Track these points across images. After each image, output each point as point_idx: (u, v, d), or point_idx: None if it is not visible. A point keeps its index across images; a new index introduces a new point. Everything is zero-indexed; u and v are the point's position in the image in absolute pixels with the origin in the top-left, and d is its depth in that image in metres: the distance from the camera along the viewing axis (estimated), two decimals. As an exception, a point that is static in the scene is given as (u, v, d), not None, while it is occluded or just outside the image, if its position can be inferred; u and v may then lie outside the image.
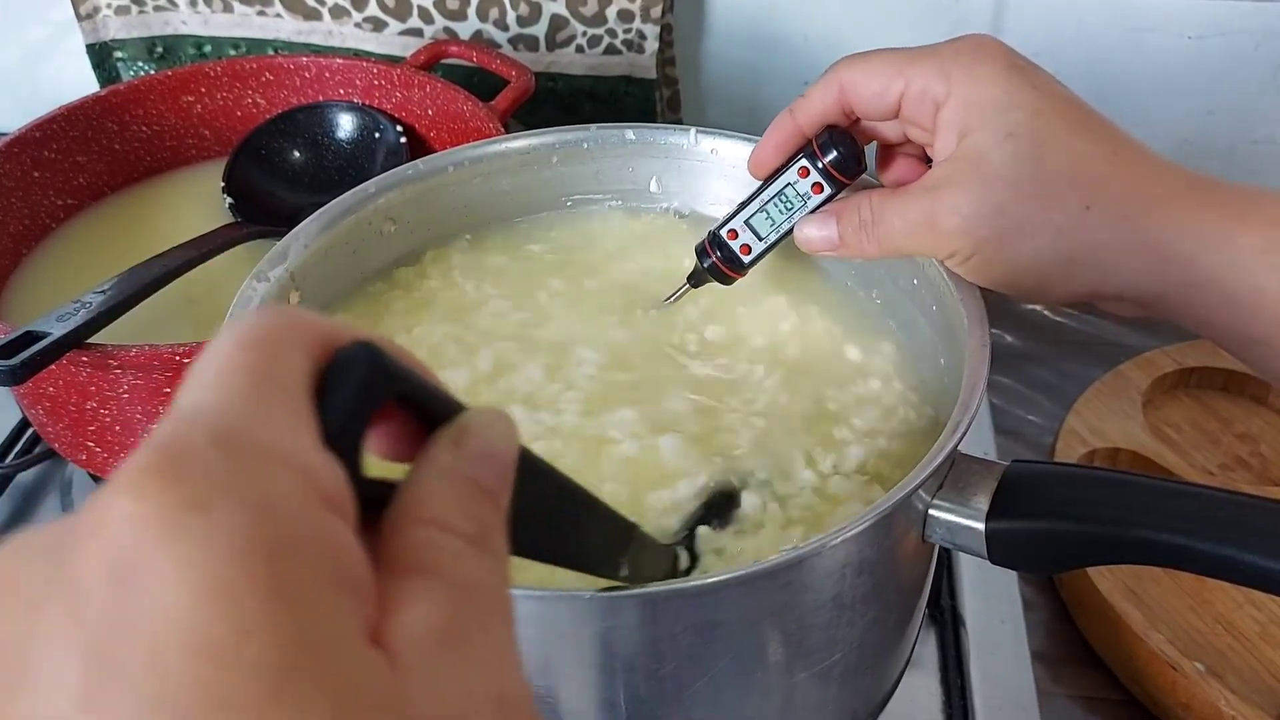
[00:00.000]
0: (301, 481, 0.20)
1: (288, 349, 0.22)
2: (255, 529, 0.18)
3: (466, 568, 0.22)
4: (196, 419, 0.20)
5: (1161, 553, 0.41)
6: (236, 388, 0.20)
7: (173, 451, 0.19)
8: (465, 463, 0.24)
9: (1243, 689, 0.56)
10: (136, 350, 0.56)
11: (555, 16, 0.86)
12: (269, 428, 0.20)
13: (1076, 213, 0.44)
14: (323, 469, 0.20)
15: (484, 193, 0.60)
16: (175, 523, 0.18)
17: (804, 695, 0.45)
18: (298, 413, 0.21)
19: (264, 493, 0.19)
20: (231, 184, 0.75)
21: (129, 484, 0.18)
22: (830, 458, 0.48)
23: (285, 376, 0.21)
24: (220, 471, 0.19)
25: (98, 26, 0.92)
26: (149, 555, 0.18)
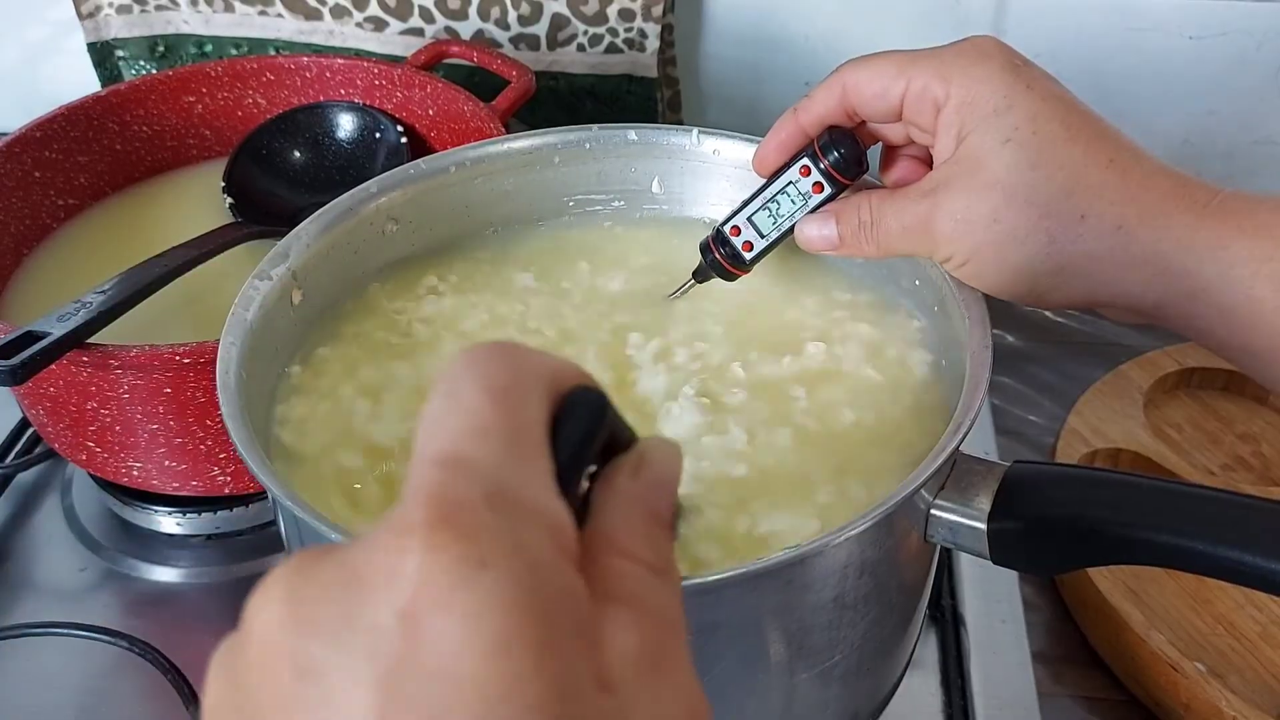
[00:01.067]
0: (553, 538, 0.23)
1: (531, 398, 0.25)
2: (525, 587, 0.21)
3: (655, 596, 0.25)
4: (467, 474, 0.22)
5: (1163, 553, 0.41)
6: (497, 446, 0.23)
7: (455, 508, 0.21)
8: (645, 492, 0.27)
9: (1243, 689, 0.56)
10: (137, 350, 0.56)
11: (556, 15, 0.86)
12: (528, 486, 0.23)
13: (1071, 222, 0.44)
14: (565, 524, 0.23)
15: (486, 193, 0.60)
16: (461, 578, 0.21)
17: (805, 695, 0.45)
18: (545, 469, 0.24)
19: (530, 552, 0.22)
20: (232, 184, 0.75)
21: (420, 536, 0.21)
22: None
23: (533, 429, 0.24)
24: (496, 530, 0.21)
25: (99, 25, 0.92)
26: (439, 606, 0.20)
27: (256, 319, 0.49)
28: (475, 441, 0.23)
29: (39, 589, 0.65)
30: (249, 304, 0.50)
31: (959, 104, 0.46)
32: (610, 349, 0.54)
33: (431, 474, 0.22)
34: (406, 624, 0.20)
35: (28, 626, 0.61)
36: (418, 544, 0.21)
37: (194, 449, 0.61)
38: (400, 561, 0.21)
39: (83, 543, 0.68)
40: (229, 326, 0.48)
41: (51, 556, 0.67)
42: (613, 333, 0.55)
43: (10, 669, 0.61)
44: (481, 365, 0.25)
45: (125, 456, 0.62)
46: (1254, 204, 0.44)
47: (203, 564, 0.66)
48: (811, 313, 0.56)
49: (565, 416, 0.25)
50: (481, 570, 0.21)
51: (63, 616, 0.62)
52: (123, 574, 0.66)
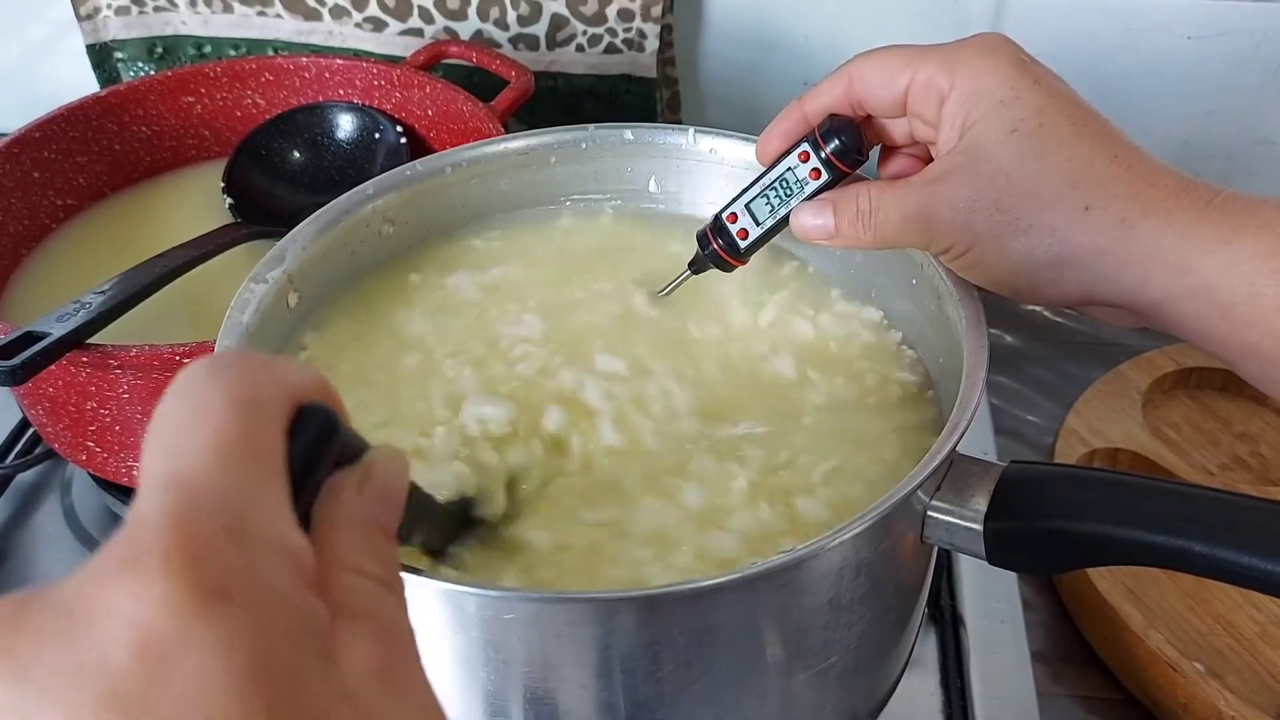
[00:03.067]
0: (292, 566, 0.22)
1: (272, 414, 0.24)
2: (269, 617, 0.21)
3: (385, 608, 0.25)
4: (207, 500, 0.22)
5: (1160, 554, 0.41)
6: (239, 471, 0.23)
7: (195, 538, 0.21)
8: (369, 506, 0.27)
9: (1242, 689, 0.56)
10: (136, 350, 0.56)
11: (555, 15, 0.86)
12: (267, 512, 0.23)
13: (1075, 214, 0.44)
14: (303, 549, 0.23)
15: (482, 193, 0.60)
16: (204, 610, 0.20)
17: (802, 696, 0.45)
18: (283, 492, 0.24)
19: (270, 582, 0.21)
20: (231, 184, 0.75)
21: (157, 566, 0.20)
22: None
23: (272, 449, 0.24)
24: (236, 561, 0.21)
25: (98, 27, 0.92)
26: (179, 641, 0.20)
27: (253, 322, 0.49)
28: (216, 463, 0.22)
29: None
30: (245, 307, 0.50)
31: (964, 95, 0.45)
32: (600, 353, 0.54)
33: (167, 497, 0.21)
34: (145, 662, 0.19)
35: (27, 627, 0.61)
36: (154, 574, 0.20)
37: (193, 449, 0.61)
38: (134, 595, 0.20)
39: (83, 543, 0.68)
40: (225, 330, 0.48)
41: (51, 556, 0.67)
42: (603, 336, 0.55)
43: (10, 669, 0.61)
44: (228, 375, 0.24)
45: (125, 456, 0.62)
46: (1256, 203, 0.44)
47: (202, 564, 0.66)
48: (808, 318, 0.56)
49: (297, 431, 0.25)
50: (225, 603, 0.20)
51: (62, 617, 0.62)
52: (122, 574, 0.66)
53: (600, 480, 0.47)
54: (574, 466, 0.48)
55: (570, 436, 0.49)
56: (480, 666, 0.41)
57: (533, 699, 0.41)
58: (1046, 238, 0.45)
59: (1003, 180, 0.45)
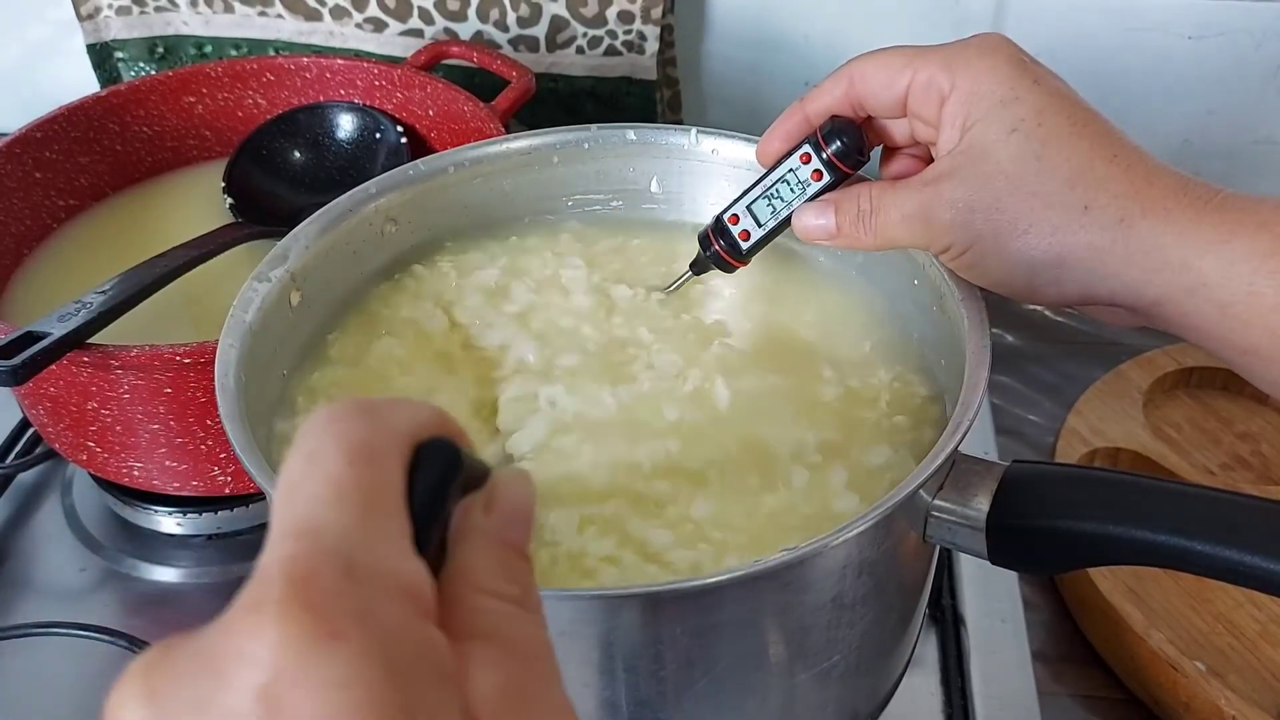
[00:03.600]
0: (410, 602, 0.23)
1: (389, 456, 0.25)
2: (381, 653, 0.21)
3: (517, 629, 0.25)
4: (321, 544, 0.22)
5: (1162, 554, 0.41)
6: (353, 512, 0.23)
7: (308, 582, 0.22)
8: (499, 527, 0.27)
9: (1243, 688, 0.56)
10: (137, 350, 0.56)
11: (556, 17, 0.86)
12: (382, 550, 0.23)
13: (1074, 214, 0.44)
14: (421, 583, 0.24)
15: (484, 193, 0.60)
16: (317, 652, 0.21)
17: (804, 695, 0.45)
18: (401, 529, 0.24)
19: (384, 618, 0.22)
20: (232, 184, 0.75)
21: (274, 612, 0.21)
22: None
23: (389, 489, 0.24)
24: (350, 602, 0.22)
25: (99, 27, 0.92)
26: (296, 682, 0.20)
27: (255, 321, 0.49)
28: (331, 508, 0.23)
29: (39, 589, 0.65)
30: (248, 306, 0.50)
31: (964, 95, 0.46)
32: (605, 355, 0.54)
33: (286, 546, 0.22)
34: (266, 703, 0.20)
35: (28, 626, 0.61)
36: (272, 620, 0.21)
37: (194, 449, 0.61)
38: (255, 640, 0.21)
39: (83, 543, 0.68)
40: (228, 328, 0.48)
41: (52, 556, 0.67)
42: (611, 337, 0.55)
43: (10, 669, 0.61)
44: (340, 424, 0.25)
45: (126, 456, 0.62)
46: (1255, 202, 0.44)
47: (203, 564, 0.66)
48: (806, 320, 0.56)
49: (419, 467, 0.25)
50: (337, 642, 0.21)
51: (63, 616, 0.62)
52: (123, 574, 0.66)
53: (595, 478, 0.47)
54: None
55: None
56: (482, 665, 0.41)
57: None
58: (1046, 237, 0.45)
59: (1002, 180, 0.45)
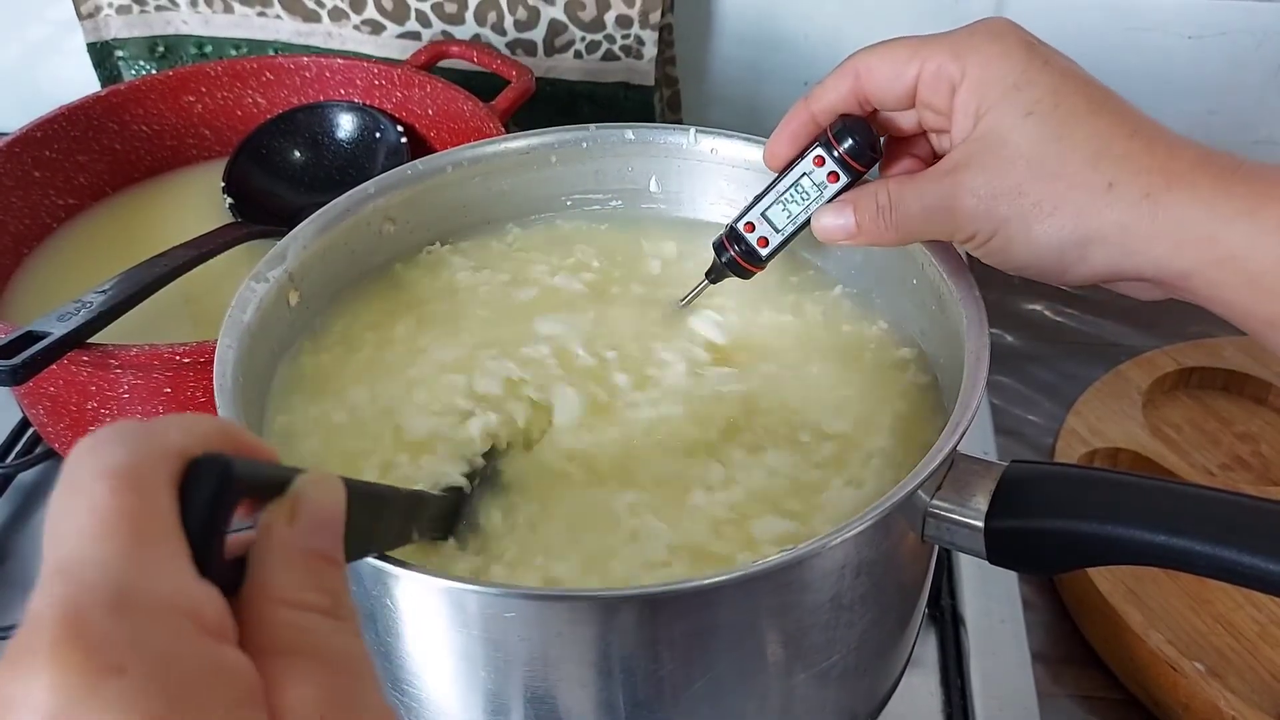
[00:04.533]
0: (190, 622, 0.22)
1: (156, 478, 0.24)
2: (163, 682, 0.20)
3: (327, 639, 0.24)
4: (89, 580, 0.21)
5: (1160, 554, 0.41)
6: (120, 542, 0.22)
7: (78, 619, 0.21)
8: (303, 535, 0.26)
9: (1242, 689, 0.56)
10: (137, 350, 0.56)
11: (553, 21, 0.86)
12: (155, 578, 0.22)
13: (1098, 192, 0.44)
14: (205, 602, 0.23)
15: (483, 193, 0.60)
16: (94, 689, 0.20)
17: (803, 696, 0.45)
18: (175, 553, 0.23)
19: (163, 646, 0.21)
20: (232, 184, 0.75)
21: (46, 655, 0.20)
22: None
23: (159, 517, 0.23)
24: (123, 634, 0.21)
25: (99, 25, 0.92)
26: (77, 718, 0.20)
27: (254, 321, 0.49)
28: (96, 541, 0.22)
29: (39, 589, 0.65)
30: (246, 306, 0.50)
31: (976, 82, 0.45)
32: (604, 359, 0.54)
33: (53, 586, 0.22)
34: None
35: (27, 626, 0.61)
36: (44, 663, 0.20)
37: (193, 449, 0.61)
38: (29, 685, 0.20)
39: (82, 543, 0.68)
40: (226, 328, 0.48)
41: (51, 556, 0.67)
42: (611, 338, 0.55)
43: (10, 669, 0.61)
44: (100, 451, 0.24)
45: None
46: (1277, 173, 0.43)
47: (202, 564, 0.66)
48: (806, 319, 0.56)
49: (190, 486, 0.24)
50: (116, 676, 0.20)
51: (62, 616, 0.62)
52: (122, 574, 0.66)
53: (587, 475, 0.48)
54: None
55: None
56: (480, 665, 0.41)
57: (533, 698, 0.41)
58: (1072, 218, 0.44)
59: (1023, 164, 0.44)
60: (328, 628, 0.25)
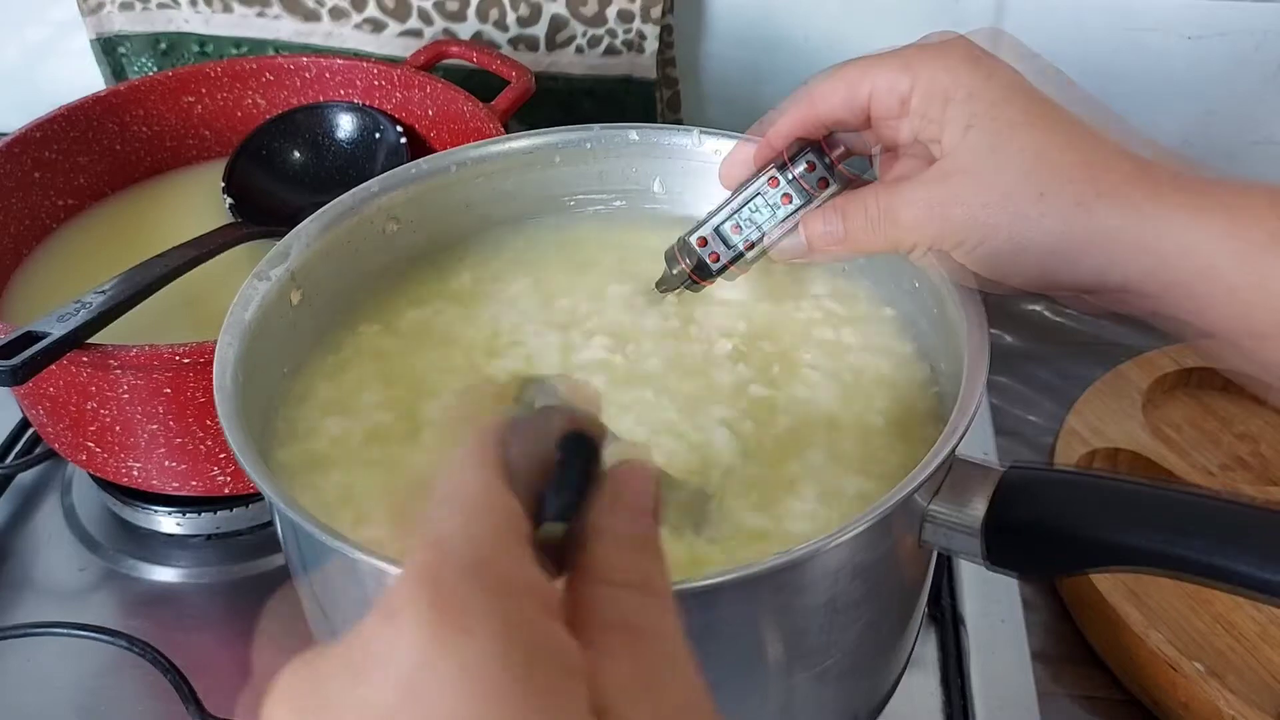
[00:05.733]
0: (531, 598, 0.25)
1: (521, 476, 0.27)
2: (506, 644, 0.23)
3: (642, 616, 0.27)
4: (451, 553, 0.25)
5: (1158, 560, 0.41)
6: (478, 523, 0.25)
7: (439, 585, 0.24)
8: (621, 521, 0.28)
9: (1242, 689, 0.56)
10: (136, 350, 0.56)
11: (555, 17, 0.86)
12: (509, 560, 0.25)
13: (1030, 201, 0.45)
14: (542, 585, 0.25)
15: (486, 192, 0.60)
16: (449, 645, 0.23)
17: (802, 696, 0.45)
18: (526, 541, 0.26)
19: (508, 614, 0.24)
20: (232, 184, 0.75)
21: (406, 610, 0.23)
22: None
23: (518, 506, 0.26)
24: (475, 601, 0.23)
25: (102, 21, 0.92)
26: (432, 672, 0.22)
27: (255, 319, 0.49)
28: (461, 520, 0.26)
29: (39, 589, 0.65)
30: (247, 304, 0.50)
31: (923, 95, 0.46)
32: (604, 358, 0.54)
33: (420, 557, 0.25)
34: (406, 694, 0.22)
35: (27, 626, 0.61)
36: (406, 622, 0.23)
37: (194, 449, 0.61)
38: (392, 640, 0.23)
39: (82, 542, 0.68)
40: (227, 327, 0.48)
41: (51, 556, 0.67)
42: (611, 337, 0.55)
43: (10, 669, 0.61)
44: (481, 440, 0.28)
45: (125, 456, 0.62)
46: (1215, 184, 0.44)
47: (203, 564, 0.66)
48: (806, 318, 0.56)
49: (564, 457, 0.27)
50: (466, 636, 0.23)
51: (62, 616, 0.62)
52: (122, 574, 0.66)
53: None
54: None
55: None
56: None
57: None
58: (1007, 226, 0.45)
59: (960, 177, 0.46)
60: (642, 603, 0.27)
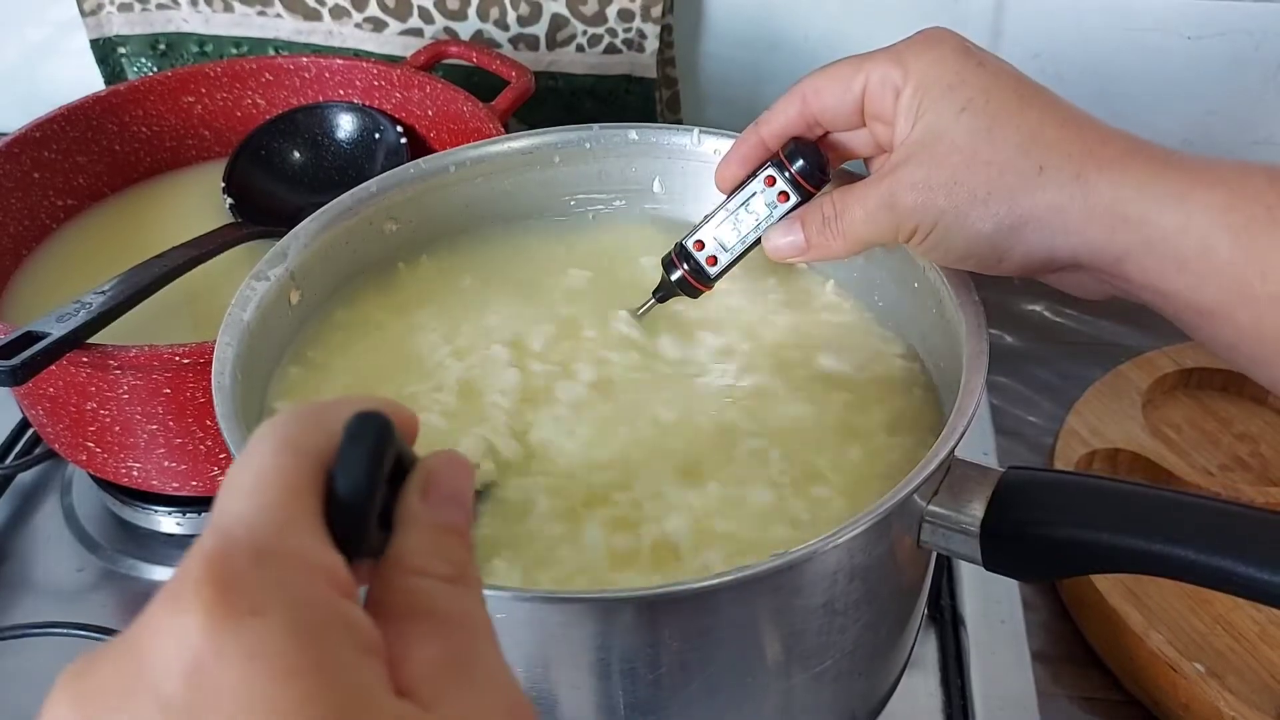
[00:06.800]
0: (321, 578, 0.24)
1: (312, 451, 0.26)
2: (296, 622, 0.23)
3: (449, 603, 0.26)
4: (236, 533, 0.24)
5: (1156, 563, 0.41)
6: (268, 499, 0.25)
7: (223, 565, 0.23)
8: (433, 510, 0.28)
9: (1242, 690, 0.56)
10: (136, 350, 0.56)
11: (555, 16, 0.86)
12: (296, 535, 0.25)
13: (1029, 176, 0.45)
14: (332, 563, 0.25)
15: (486, 192, 0.60)
16: (236, 626, 0.22)
17: (801, 697, 0.45)
18: (315, 519, 0.26)
19: (296, 592, 0.23)
20: (232, 184, 0.75)
21: (191, 596, 0.23)
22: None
23: (308, 480, 0.26)
24: (263, 580, 0.23)
25: (101, 22, 0.92)
26: (220, 654, 0.22)
27: (254, 319, 0.49)
28: (251, 499, 0.25)
29: (38, 589, 0.66)
30: (246, 304, 0.50)
31: (916, 85, 0.47)
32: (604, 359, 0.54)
33: (206, 538, 0.24)
34: (190, 679, 0.22)
35: (27, 626, 0.62)
36: (189, 604, 0.23)
37: (193, 449, 0.61)
38: (175, 624, 0.23)
39: (82, 543, 0.68)
40: (225, 327, 0.48)
41: (51, 556, 0.67)
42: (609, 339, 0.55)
43: (10, 669, 0.61)
44: (275, 423, 0.27)
45: (125, 457, 0.62)
46: (1212, 162, 0.44)
47: (202, 564, 0.66)
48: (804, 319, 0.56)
49: (348, 438, 0.26)
50: (253, 617, 0.22)
51: (62, 616, 0.62)
52: (122, 574, 0.66)
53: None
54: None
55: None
56: (478, 667, 0.41)
57: (533, 701, 0.41)
58: (1005, 202, 0.45)
59: (956, 156, 0.46)
60: (451, 592, 0.27)
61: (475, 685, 0.25)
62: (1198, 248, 0.43)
